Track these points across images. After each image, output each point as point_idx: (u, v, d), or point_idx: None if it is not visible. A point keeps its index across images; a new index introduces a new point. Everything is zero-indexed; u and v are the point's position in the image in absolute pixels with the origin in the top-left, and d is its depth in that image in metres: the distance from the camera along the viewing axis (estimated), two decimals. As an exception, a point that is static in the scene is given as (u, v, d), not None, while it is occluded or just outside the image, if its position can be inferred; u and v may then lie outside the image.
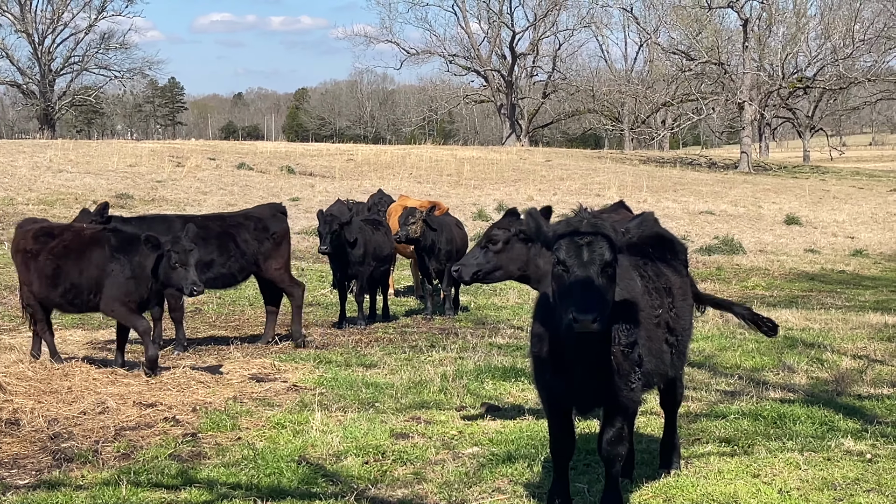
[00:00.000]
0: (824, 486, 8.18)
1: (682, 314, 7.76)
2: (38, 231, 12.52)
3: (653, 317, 7.31)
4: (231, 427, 9.83)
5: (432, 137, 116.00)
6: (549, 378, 7.07)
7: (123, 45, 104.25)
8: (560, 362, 6.91)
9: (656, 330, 7.34)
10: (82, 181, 35.61)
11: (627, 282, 7.15)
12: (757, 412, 10.30)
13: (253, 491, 7.98)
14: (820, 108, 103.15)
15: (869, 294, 23.02)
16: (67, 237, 12.33)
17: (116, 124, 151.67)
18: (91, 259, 11.96)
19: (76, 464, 8.73)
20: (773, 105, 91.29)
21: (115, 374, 11.58)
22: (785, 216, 41.20)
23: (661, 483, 8.30)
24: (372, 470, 8.63)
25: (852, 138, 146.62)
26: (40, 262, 12.14)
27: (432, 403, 10.84)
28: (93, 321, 15.35)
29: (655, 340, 7.30)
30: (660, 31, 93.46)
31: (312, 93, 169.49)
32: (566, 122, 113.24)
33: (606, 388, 6.96)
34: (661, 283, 7.58)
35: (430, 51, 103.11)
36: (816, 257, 31.14)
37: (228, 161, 46.75)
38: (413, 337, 15.26)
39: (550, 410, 7.35)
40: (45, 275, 12.09)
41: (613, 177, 52.31)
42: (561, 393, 7.06)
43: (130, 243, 11.87)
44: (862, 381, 12.09)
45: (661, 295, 7.50)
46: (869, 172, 76.32)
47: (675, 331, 7.60)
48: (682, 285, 7.88)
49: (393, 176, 45.99)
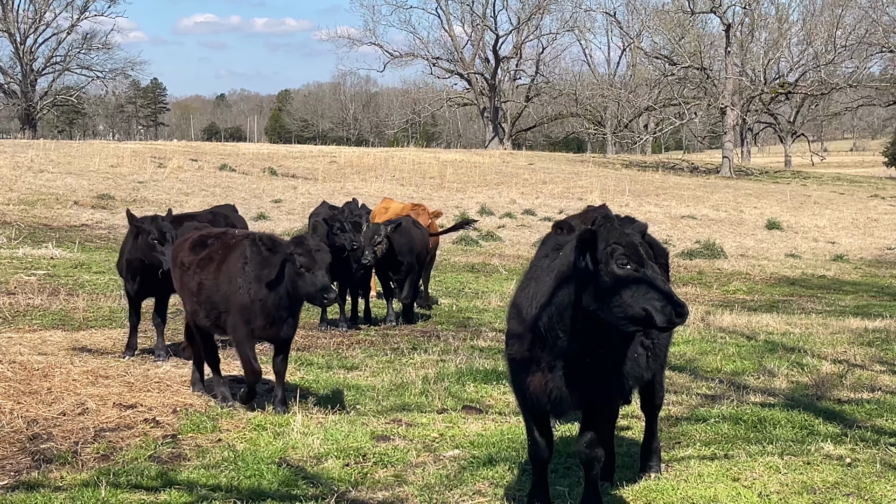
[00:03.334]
0: (804, 489, 8.20)
1: None
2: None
3: None
4: (211, 429, 9.79)
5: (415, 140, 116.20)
6: (525, 381, 7.05)
7: (106, 46, 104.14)
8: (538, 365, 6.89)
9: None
10: (64, 181, 35.49)
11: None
12: (737, 416, 10.33)
13: (233, 493, 7.95)
14: (801, 113, 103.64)
15: (849, 299, 23.12)
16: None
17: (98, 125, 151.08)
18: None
19: (55, 465, 8.68)
20: (755, 110, 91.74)
21: (95, 374, 11.52)
22: (766, 221, 41.37)
23: (642, 486, 8.31)
24: (353, 472, 8.61)
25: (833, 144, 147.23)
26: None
27: (414, 406, 10.83)
28: (73, 321, 15.27)
29: (633, 344, 7.29)
30: (643, 35, 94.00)
31: (295, 95, 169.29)
32: (549, 125, 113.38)
33: (585, 391, 6.96)
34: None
35: (413, 53, 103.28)
36: (797, 262, 31.27)
37: (210, 162, 46.66)
38: (395, 339, 15.23)
39: (527, 414, 7.34)
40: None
41: (596, 181, 52.43)
42: (538, 396, 7.03)
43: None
44: (842, 386, 12.14)
45: None
46: (850, 178, 76.68)
47: (650, 334, 7.54)
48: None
49: (376, 178, 45.98)
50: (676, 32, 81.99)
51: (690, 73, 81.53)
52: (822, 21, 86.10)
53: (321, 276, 9.90)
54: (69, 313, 15.86)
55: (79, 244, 24.67)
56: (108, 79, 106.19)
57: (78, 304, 16.52)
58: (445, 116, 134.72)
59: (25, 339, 13.58)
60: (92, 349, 13.25)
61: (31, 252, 22.62)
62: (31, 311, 15.90)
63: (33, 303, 16.53)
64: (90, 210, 30.38)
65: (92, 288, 18.50)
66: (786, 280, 26.67)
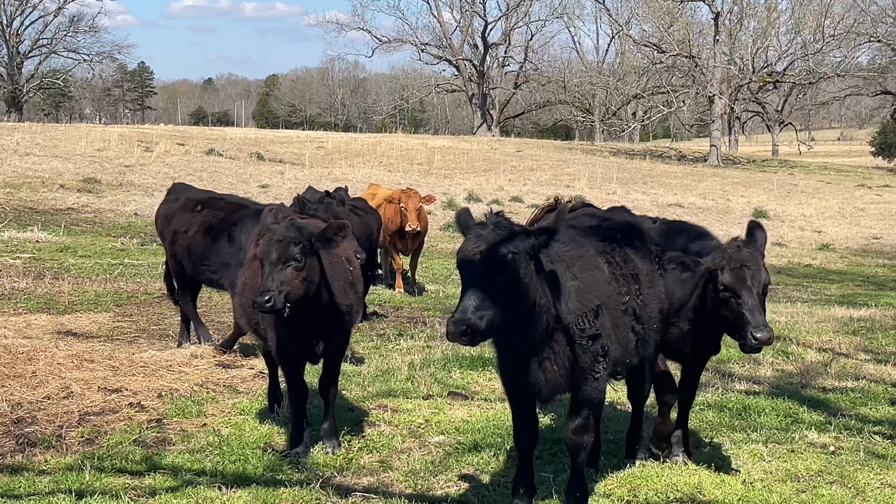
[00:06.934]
0: (788, 477, 8.24)
1: (648, 302, 7.68)
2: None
3: (620, 304, 7.26)
4: (197, 413, 9.78)
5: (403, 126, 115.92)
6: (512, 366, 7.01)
7: (93, 29, 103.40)
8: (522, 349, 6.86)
9: (623, 317, 7.29)
10: (50, 165, 35.32)
11: (593, 270, 7.12)
12: (722, 404, 10.36)
13: (218, 477, 7.94)
14: (789, 102, 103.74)
15: (835, 288, 23.20)
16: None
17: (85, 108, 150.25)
18: None
19: (39, 448, 8.66)
20: (743, 99, 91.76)
21: (80, 358, 11.47)
22: (753, 210, 41.44)
23: (627, 473, 8.33)
24: (338, 458, 8.61)
25: (821, 133, 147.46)
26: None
27: (399, 392, 10.83)
28: (58, 305, 15.22)
29: (622, 328, 7.26)
30: (632, 23, 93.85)
31: (283, 80, 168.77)
32: (537, 112, 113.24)
33: (569, 377, 6.96)
34: (628, 269, 7.50)
35: (402, 39, 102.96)
36: (783, 251, 31.35)
37: (198, 147, 46.49)
38: (381, 325, 15.22)
39: (513, 398, 7.31)
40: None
41: (584, 168, 52.41)
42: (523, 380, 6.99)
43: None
44: (826, 374, 12.19)
45: (629, 282, 7.44)
46: (837, 167, 76.82)
47: (641, 318, 7.52)
48: (651, 273, 7.85)
49: (363, 164, 45.89)
50: (665, 20, 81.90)
51: (679, 61, 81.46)
52: (810, 10, 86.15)
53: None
54: (54, 297, 15.80)
55: (64, 228, 24.58)
56: (94, 62, 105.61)
57: (63, 287, 16.46)
58: (434, 103, 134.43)
59: (10, 322, 13.52)
60: (77, 333, 13.20)
61: (17, 235, 22.52)
62: (16, 295, 15.83)
63: (18, 286, 16.45)
64: (76, 193, 30.23)
65: (77, 271, 18.43)
66: (772, 269, 26.64)
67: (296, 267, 7.99)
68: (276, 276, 7.91)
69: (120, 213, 28.14)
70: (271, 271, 7.93)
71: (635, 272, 7.59)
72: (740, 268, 7.57)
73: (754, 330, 7.35)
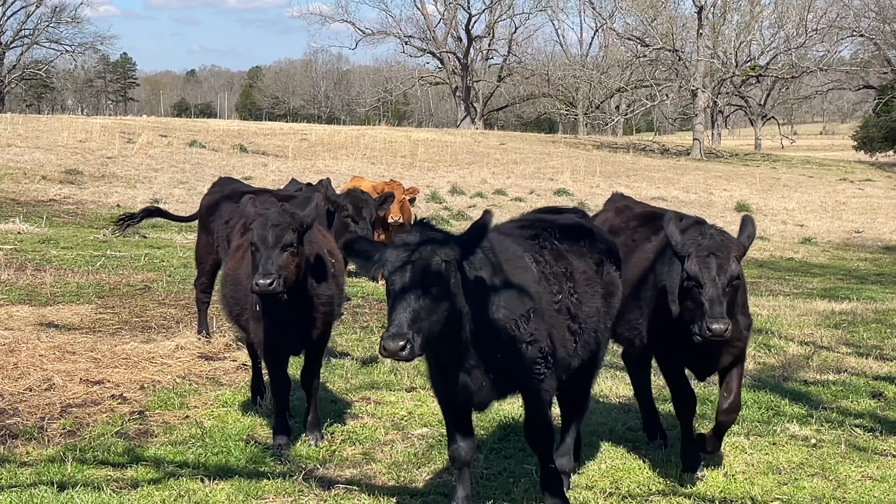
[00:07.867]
0: (769, 470, 8.28)
1: (584, 300, 7.41)
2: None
3: (552, 303, 7.05)
4: (179, 405, 9.77)
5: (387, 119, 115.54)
6: (442, 376, 6.82)
7: (75, 20, 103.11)
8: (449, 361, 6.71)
9: (557, 316, 7.08)
10: (31, 156, 35.15)
11: (521, 272, 6.91)
12: (704, 397, 10.38)
13: (200, 469, 7.93)
14: (772, 96, 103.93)
15: (817, 281, 23.28)
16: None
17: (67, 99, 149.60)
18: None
19: (21, 440, 8.64)
20: (726, 93, 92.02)
21: (61, 350, 11.44)
22: (735, 203, 41.54)
23: (609, 466, 8.36)
24: (321, 450, 8.61)
25: (803, 127, 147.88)
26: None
27: (382, 384, 10.84)
28: (40, 297, 15.15)
29: (558, 327, 7.06)
30: (615, 16, 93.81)
31: (266, 71, 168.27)
32: (521, 105, 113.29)
33: (507, 383, 6.83)
34: (559, 267, 7.26)
35: (385, 31, 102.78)
36: (766, 244, 31.43)
37: (180, 138, 46.31)
38: (364, 318, 15.21)
39: (445, 408, 7.10)
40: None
41: (567, 161, 52.42)
42: (453, 390, 6.79)
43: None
44: (808, 368, 12.24)
45: (560, 280, 7.21)
46: (819, 161, 77.03)
47: (577, 317, 7.26)
48: (587, 271, 7.55)
49: (347, 156, 45.79)
50: (649, 14, 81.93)
51: (662, 54, 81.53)
52: (793, 4, 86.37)
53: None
54: (36, 288, 15.74)
55: (46, 219, 24.48)
56: (77, 53, 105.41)
57: (45, 279, 16.39)
58: (417, 95, 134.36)
59: (-9, 314, 13.47)
60: (59, 325, 13.16)
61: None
62: (-2, 286, 15.77)
63: (0, 278, 16.39)
64: (58, 185, 30.10)
65: (59, 263, 18.36)
66: (754, 262, 26.78)
67: (292, 252, 8.02)
68: (275, 260, 7.93)
69: (102, 205, 28.02)
70: (269, 255, 7.94)
71: (568, 270, 7.35)
72: (707, 256, 7.45)
73: (710, 321, 7.25)
